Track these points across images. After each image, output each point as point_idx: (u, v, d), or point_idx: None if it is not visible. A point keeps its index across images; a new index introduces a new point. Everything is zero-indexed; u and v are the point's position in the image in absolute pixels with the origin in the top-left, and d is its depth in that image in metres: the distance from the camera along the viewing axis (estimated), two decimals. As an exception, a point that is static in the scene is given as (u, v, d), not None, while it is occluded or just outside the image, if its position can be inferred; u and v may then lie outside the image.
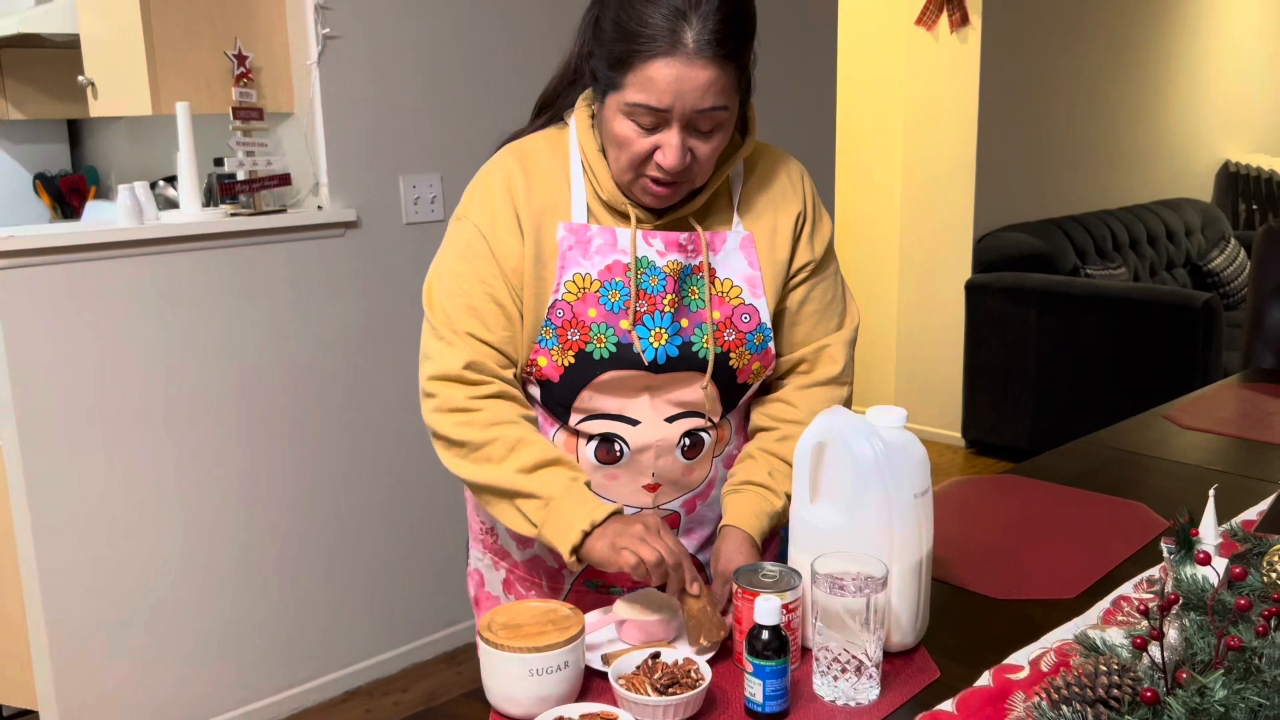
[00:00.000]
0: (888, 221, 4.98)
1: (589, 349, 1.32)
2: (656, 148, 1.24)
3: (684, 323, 1.34)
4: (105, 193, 3.83)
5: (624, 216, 1.33)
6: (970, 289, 4.57)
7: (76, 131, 4.05)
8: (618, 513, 1.26)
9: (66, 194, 3.87)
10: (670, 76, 1.19)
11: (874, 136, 4.98)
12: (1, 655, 2.56)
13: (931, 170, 4.75)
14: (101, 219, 2.87)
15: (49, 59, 3.57)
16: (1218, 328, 4.01)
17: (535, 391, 1.38)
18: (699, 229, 1.35)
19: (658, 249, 1.33)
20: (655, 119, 1.23)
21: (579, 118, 1.35)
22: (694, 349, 1.34)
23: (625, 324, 1.32)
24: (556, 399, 1.36)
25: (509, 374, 1.35)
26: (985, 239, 4.65)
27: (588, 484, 1.29)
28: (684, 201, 1.35)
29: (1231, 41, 6.07)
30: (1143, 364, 4.11)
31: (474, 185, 1.37)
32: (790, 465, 1.35)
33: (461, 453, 1.32)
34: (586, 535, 1.23)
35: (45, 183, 3.89)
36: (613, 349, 1.31)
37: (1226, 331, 4.14)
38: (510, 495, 1.29)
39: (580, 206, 1.34)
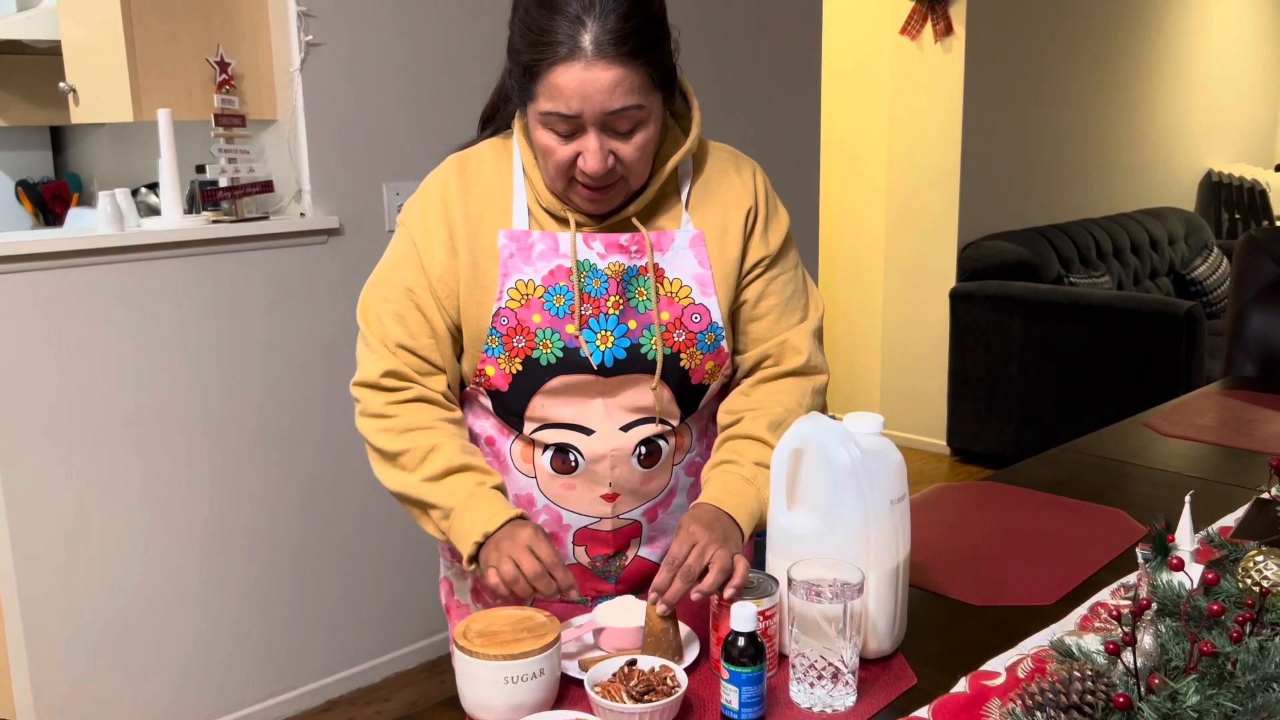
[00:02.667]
0: (873, 230, 5.00)
1: (535, 355, 1.32)
2: (579, 154, 1.25)
3: (632, 324, 1.33)
4: (88, 200, 3.82)
5: (565, 221, 1.34)
6: (954, 297, 4.58)
7: (59, 138, 4.03)
8: (519, 518, 1.28)
9: (49, 201, 3.86)
10: (574, 82, 1.20)
11: (859, 146, 4.99)
12: (-21, 665, 2.54)
13: (916, 179, 4.77)
14: (84, 226, 2.86)
15: (31, 65, 3.56)
16: (1200, 336, 4.03)
17: (487, 403, 1.38)
18: (642, 229, 1.34)
19: (598, 251, 1.33)
20: (570, 125, 1.23)
21: (518, 131, 1.37)
22: (643, 350, 1.33)
23: (571, 328, 1.31)
24: (509, 408, 1.36)
25: (432, 380, 1.36)
26: (969, 248, 4.67)
27: (499, 487, 1.31)
28: (627, 202, 1.35)
29: (1214, 51, 6.12)
30: (1126, 372, 4.13)
31: (415, 195, 1.39)
32: (752, 439, 1.36)
33: (382, 459, 1.36)
34: (481, 545, 1.26)
35: (27, 190, 3.87)
36: (559, 354, 1.32)
37: (1209, 340, 4.16)
38: (422, 504, 1.33)
39: (522, 213, 1.34)
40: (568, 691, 1.18)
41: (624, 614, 1.26)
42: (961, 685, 1.19)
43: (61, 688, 2.47)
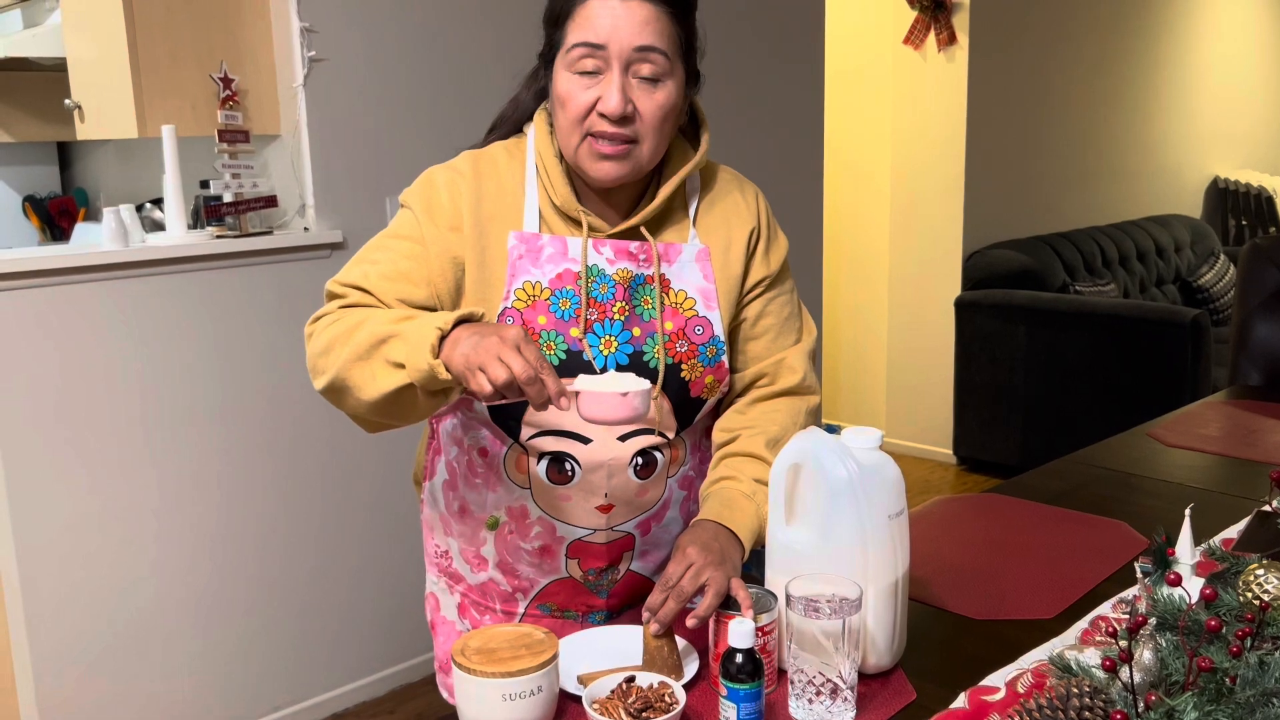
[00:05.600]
0: (877, 240, 4.99)
1: (550, 362, 1.32)
2: (599, 100, 1.26)
3: (635, 331, 1.34)
4: (95, 215, 3.84)
5: (576, 224, 1.34)
6: (960, 306, 4.58)
7: (66, 154, 4.06)
8: (472, 319, 1.17)
9: (56, 216, 3.88)
10: (605, 10, 1.25)
11: (862, 155, 5.00)
12: (-15, 680, 2.55)
13: (920, 188, 4.77)
14: (90, 241, 2.87)
15: (37, 82, 3.58)
16: (1206, 344, 4.02)
17: (482, 409, 1.37)
18: (650, 239, 1.36)
19: (607, 257, 1.34)
20: (595, 61, 1.26)
21: (537, 125, 1.37)
22: (645, 358, 1.34)
23: (575, 331, 1.32)
24: (507, 412, 1.35)
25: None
26: (974, 256, 4.67)
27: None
28: (635, 209, 1.36)
29: (1220, 58, 6.11)
30: (1132, 380, 4.12)
31: (423, 176, 1.38)
32: (750, 457, 1.37)
33: (330, 352, 1.24)
34: (443, 340, 1.14)
35: (35, 205, 3.89)
36: (562, 356, 1.32)
37: (1215, 347, 4.14)
38: (378, 345, 1.19)
39: (533, 215, 1.35)
40: (566, 708, 1.18)
41: (604, 381, 1.18)
42: (961, 700, 1.18)
43: (66, 700, 2.47)
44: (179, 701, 2.64)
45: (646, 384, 1.17)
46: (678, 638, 1.25)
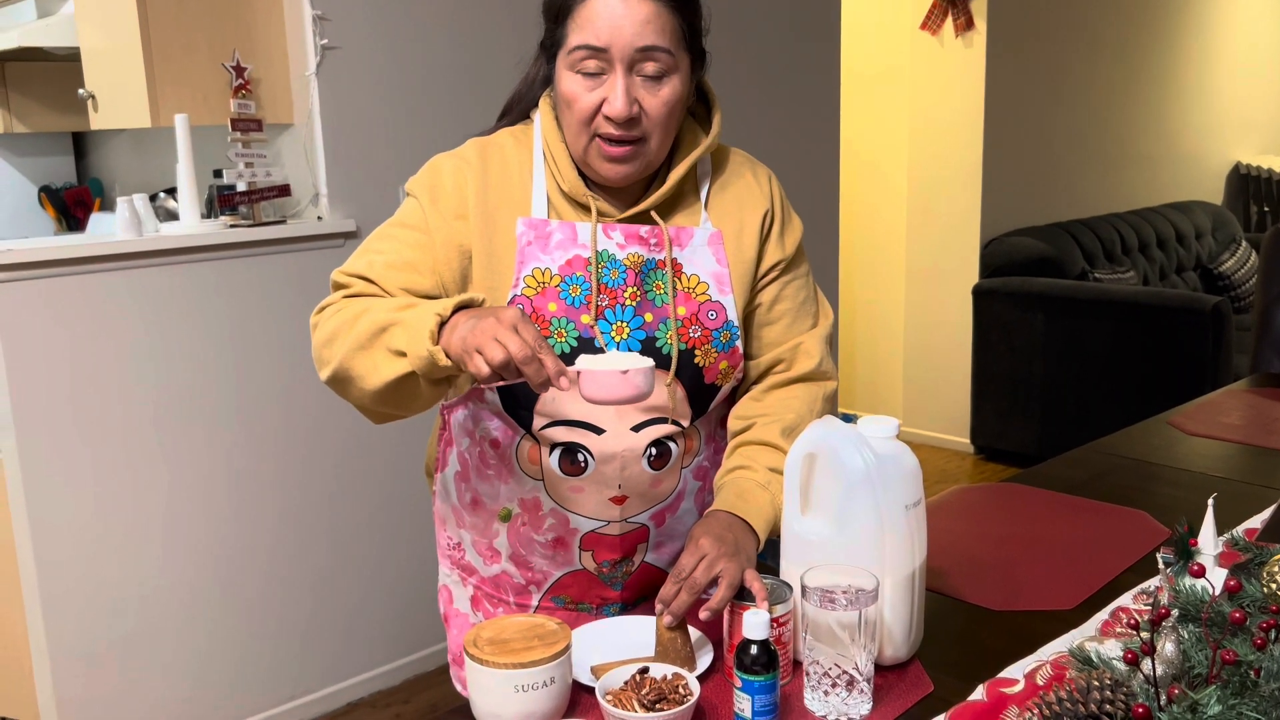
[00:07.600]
0: (894, 227, 4.96)
1: (549, 343, 1.30)
2: (604, 101, 1.24)
3: (648, 317, 1.32)
4: (110, 204, 3.85)
5: (585, 209, 1.33)
6: (977, 294, 4.55)
7: (81, 144, 4.06)
8: (473, 304, 1.17)
9: (71, 206, 3.89)
10: (606, 12, 1.22)
11: (879, 142, 4.96)
12: (3, 668, 2.56)
13: (938, 175, 4.73)
14: (105, 231, 2.88)
15: (51, 72, 3.59)
16: (1227, 331, 3.98)
17: (494, 399, 1.36)
18: (661, 223, 1.34)
19: (618, 242, 1.32)
20: (598, 62, 1.24)
21: (543, 110, 1.36)
22: (658, 344, 1.32)
23: (586, 318, 1.30)
24: (519, 402, 1.33)
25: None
26: (992, 243, 4.63)
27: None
28: (646, 193, 1.35)
29: (1241, 42, 6.04)
30: (1152, 368, 4.08)
31: (429, 164, 1.37)
32: (765, 445, 1.35)
33: (334, 342, 1.23)
34: (443, 327, 1.13)
35: (50, 195, 3.90)
36: (574, 343, 1.30)
37: (1237, 335, 4.10)
38: (379, 333, 1.19)
39: (541, 201, 1.33)
40: (579, 699, 1.17)
41: (605, 360, 1.16)
42: (979, 693, 1.17)
43: (83, 690, 2.48)
44: (194, 690, 2.65)
45: (649, 361, 1.14)
46: (691, 629, 1.24)
